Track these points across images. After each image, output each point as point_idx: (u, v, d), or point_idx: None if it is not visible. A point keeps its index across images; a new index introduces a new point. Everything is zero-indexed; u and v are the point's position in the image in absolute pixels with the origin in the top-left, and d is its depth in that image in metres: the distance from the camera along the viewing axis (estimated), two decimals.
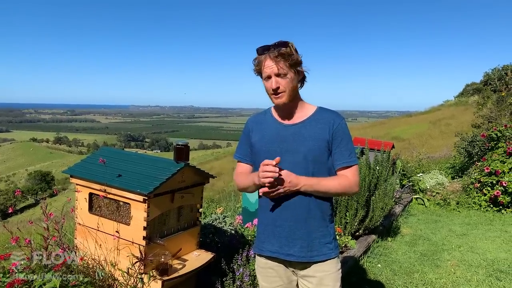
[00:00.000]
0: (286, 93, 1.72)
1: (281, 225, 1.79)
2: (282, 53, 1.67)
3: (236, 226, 3.73)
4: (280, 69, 1.68)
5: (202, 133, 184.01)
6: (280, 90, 1.71)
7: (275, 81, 1.70)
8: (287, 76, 1.70)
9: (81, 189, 2.57)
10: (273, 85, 1.71)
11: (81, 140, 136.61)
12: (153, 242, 2.33)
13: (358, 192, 2.02)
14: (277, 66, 1.68)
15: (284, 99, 1.73)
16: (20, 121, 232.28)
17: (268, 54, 1.69)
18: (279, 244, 1.80)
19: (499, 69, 20.61)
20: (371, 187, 4.69)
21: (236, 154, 1.96)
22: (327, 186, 1.72)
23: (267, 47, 1.71)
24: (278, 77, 1.70)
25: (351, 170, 1.78)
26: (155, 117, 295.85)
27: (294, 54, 1.69)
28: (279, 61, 1.68)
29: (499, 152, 7.01)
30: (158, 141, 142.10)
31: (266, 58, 1.70)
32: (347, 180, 1.76)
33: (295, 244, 1.77)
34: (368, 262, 4.26)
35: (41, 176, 47.35)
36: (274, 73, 1.70)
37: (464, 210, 6.82)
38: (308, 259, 1.78)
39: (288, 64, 1.68)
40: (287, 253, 1.79)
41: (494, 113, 12.18)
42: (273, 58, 1.68)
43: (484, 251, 4.70)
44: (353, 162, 1.78)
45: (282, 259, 1.82)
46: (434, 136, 20.50)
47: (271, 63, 1.69)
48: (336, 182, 1.75)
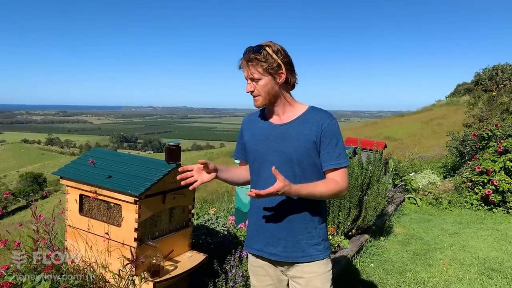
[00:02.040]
0: (261, 96, 1.73)
1: (265, 225, 1.79)
2: (255, 58, 1.68)
3: (229, 226, 3.72)
4: (253, 73, 1.70)
5: (195, 134, 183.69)
6: (255, 94, 1.73)
7: (249, 85, 1.73)
8: (261, 80, 1.70)
9: (71, 191, 2.54)
10: (247, 89, 1.74)
11: (73, 141, 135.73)
12: (145, 243, 2.31)
13: (345, 195, 2.01)
14: (249, 71, 1.70)
15: (258, 102, 1.75)
16: (11, 122, 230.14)
17: (243, 59, 1.72)
18: (263, 242, 1.81)
19: (489, 69, 20.78)
20: (364, 187, 4.70)
21: (234, 153, 2.02)
22: (316, 191, 1.66)
23: (247, 49, 1.71)
24: (252, 81, 1.72)
25: (340, 173, 1.73)
26: (148, 118, 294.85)
27: (270, 58, 1.67)
28: (252, 66, 1.69)
29: (490, 151, 7.07)
30: (151, 142, 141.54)
31: (242, 63, 1.73)
32: (336, 185, 1.70)
33: (278, 244, 1.77)
34: (361, 261, 4.27)
35: (33, 177, 46.93)
36: (249, 77, 1.72)
37: (456, 209, 6.87)
38: (293, 259, 1.77)
39: (261, 69, 1.68)
40: (270, 252, 1.79)
41: (485, 112, 12.29)
42: (246, 62, 1.70)
43: (475, 249, 4.73)
44: (342, 164, 1.73)
45: (266, 258, 1.83)
46: (426, 135, 20.64)
47: (245, 68, 1.72)
48: (326, 186, 1.69)
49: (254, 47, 1.70)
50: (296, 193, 1.62)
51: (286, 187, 1.56)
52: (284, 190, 1.56)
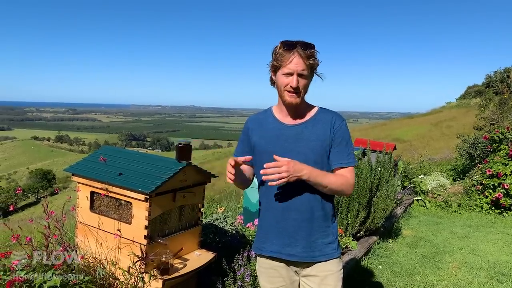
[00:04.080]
0: (301, 94, 1.73)
1: (284, 225, 1.78)
2: (310, 54, 1.67)
3: (237, 226, 3.72)
4: (305, 70, 1.68)
5: (203, 133, 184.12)
6: (298, 90, 1.71)
7: (297, 80, 1.69)
8: (307, 77, 1.70)
9: (82, 188, 2.56)
10: (293, 83, 1.68)
11: (82, 139, 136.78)
12: (155, 241, 2.33)
13: (350, 194, 2.02)
14: (303, 65, 1.67)
15: (298, 99, 1.73)
16: (21, 119, 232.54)
17: (297, 51, 1.66)
18: (281, 244, 1.79)
19: (501, 71, 20.56)
20: (373, 188, 4.67)
21: (234, 152, 1.96)
22: (328, 181, 1.69)
23: (295, 43, 1.68)
24: (300, 76, 1.69)
25: (349, 170, 1.77)
26: (157, 117, 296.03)
27: (316, 58, 1.70)
28: (306, 61, 1.67)
29: (501, 154, 6.99)
30: (159, 140, 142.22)
31: (295, 54, 1.66)
32: (346, 180, 1.75)
33: (297, 244, 1.77)
34: (369, 263, 4.25)
35: (42, 174, 47.45)
36: (297, 72, 1.68)
37: (466, 212, 6.80)
38: (311, 259, 1.77)
39: (311, 66, 1.69)
40: (289, 253, 1.78)
41: (496, 115, 12.16)
42: (303, 57, 1.66)
43: (485, 253, 4.68)
44: (351, 163, 1.78)
45: (284, 259, 1.81)
46: (436, 137, 20.47)
47: (299, 61, 1.66)
48: (337, 179, 1.73)
49: (305, 43, 1.69)
50: (308, 170, 1.64)
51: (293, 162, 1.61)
52: (293, 164, 1.60)
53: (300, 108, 1.79)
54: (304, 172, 1.63)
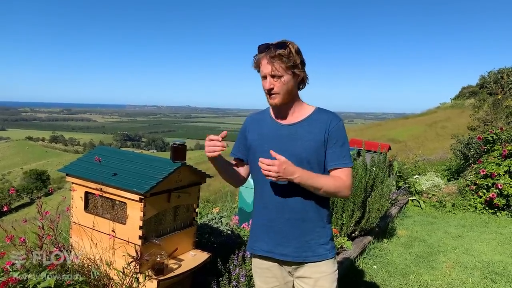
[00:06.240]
0: (280, 95, 1.71)
1: (276, 225, 1.77)
2: (279, 55, 1.65)
3: (232, 226, 3.72)
4: (275, 70, 1.66)
5: (199, 133, 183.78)
6: (274, 91, 1.70)
7: (270, 82, 1.69)
8: (282, 78, 1.68)
9: (77, 188, 2.55)
10: (266, 86, 1.70)
11: (77, 139, 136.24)
12: (149, 241, 2.32)
13: (348, 197, 2.00)
14: (272, 67, 1.66)
15: (276, 100, 1.72)
16: (15, 119, 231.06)
17: (265, 53, 1.68)
18: (273, 243, 1.79)
19: (495, 72, 20.70)
20: (368, 189, 4.69)
21: (232, 150, 1.98)
22: (321, 183, 1.67)
23: (267, 45, 1.69)
24: (273, 78, 1.69)
25: (345, 172, 1.74)
26: (152, 117, 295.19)
27: (293, 56, 1.66)
28: (275, 62, 1.65)
29: (495, 154, 7.04)
30: (154, 140, 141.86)
31: (264, 58, 1.68)
32: (341, 182, 1.72)
33: (289, 244, 1.76)
34: (364, 263, 4.27)
35: (37, 175, 47.16)
36: (269, 74, 1.68)
37: (460, 212, 6.84)
38: (303, 259, 1.77)
39: (284, 66, 1.66)
40: (281, 253, 1.78)
41: (490, 116, 12.25)
42: (270, 58, 1.66)
43: (479, 253, 4.72)
44: (347, 164, 1.74)
45: (277, 259, 1.81)
46: (430, 138, 20.56)
47: (267, 63, 1.67)
48: (332, 181, 1.71)
49: (276, 43, 1.68)
50: (300, 174, 1.63)
51: (287, 164, 1.60)
52: (286, 166, 1.59)
53: (290, 108, 1.78)
54: (296, 176, 1.61)
